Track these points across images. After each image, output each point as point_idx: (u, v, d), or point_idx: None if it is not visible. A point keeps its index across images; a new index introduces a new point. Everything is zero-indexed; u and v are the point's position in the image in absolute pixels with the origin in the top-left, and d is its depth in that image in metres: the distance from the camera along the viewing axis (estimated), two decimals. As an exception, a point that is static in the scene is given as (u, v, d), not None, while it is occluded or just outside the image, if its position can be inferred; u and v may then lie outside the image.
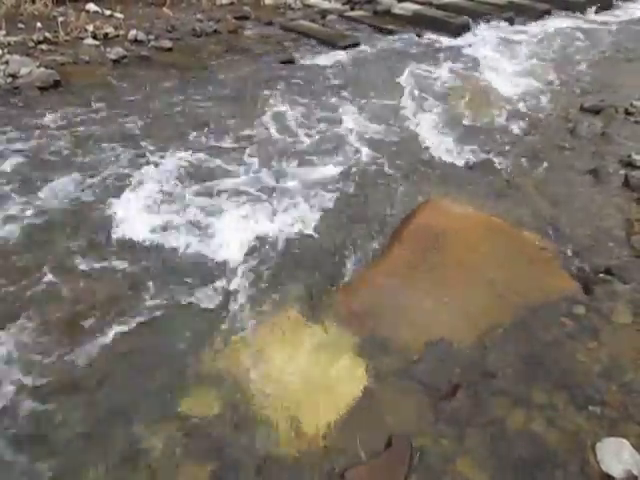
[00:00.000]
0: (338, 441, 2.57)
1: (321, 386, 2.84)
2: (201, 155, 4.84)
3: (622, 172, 4.80)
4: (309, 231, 3.98)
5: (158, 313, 3.22)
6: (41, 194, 4.19)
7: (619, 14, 10.78)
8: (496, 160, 5.07)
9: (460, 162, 5.05)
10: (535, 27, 9.51)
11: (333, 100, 6.17)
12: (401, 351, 3.01)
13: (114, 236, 3.82)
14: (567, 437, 2.59)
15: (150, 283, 3.45)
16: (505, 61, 7.69)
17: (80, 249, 3.69)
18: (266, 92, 6.25)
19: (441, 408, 2.72)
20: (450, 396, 2.79)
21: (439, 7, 10.02)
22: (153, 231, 3.87)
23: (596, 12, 10.61)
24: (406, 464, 2.45)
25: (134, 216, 3.99)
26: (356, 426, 2.64)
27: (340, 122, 5.63)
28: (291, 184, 4.50)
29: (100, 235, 3.83)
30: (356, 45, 8.07)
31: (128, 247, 3.74)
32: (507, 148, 5.33)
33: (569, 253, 3.81)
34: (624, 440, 2.52)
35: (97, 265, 3.56)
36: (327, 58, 7.51)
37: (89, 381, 2.81)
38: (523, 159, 5.12)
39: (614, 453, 2.47)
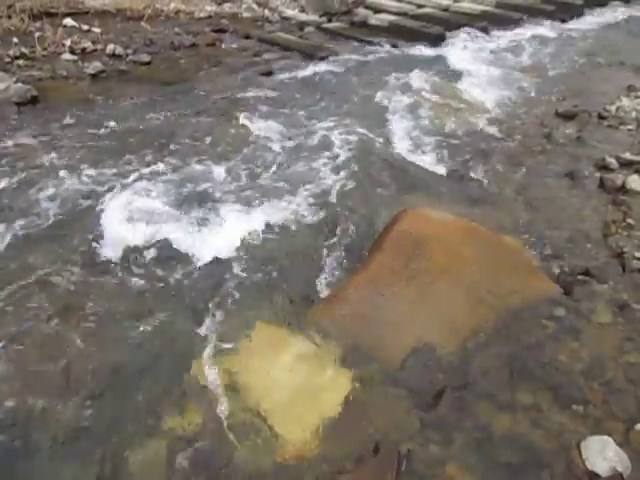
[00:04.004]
0: (325, 450, 2.57)
1: (307, 396, 2.84)
2: (181, 169, 4.82)
3: (597, 175, 4.90)
4: (290, 242, 3.98)
5: (140, 329, 3.19)
6: (18, 211, 4.13)
7: (588, 22, 11.05)
8: (474, 167, 5.15)
9: (439, 170, 5.11)
10: (509, 35, 9.70)
11: (311, 111, 6.21)
12: (385, 358, 3.02)
13: (93, 252, 3.78)
14: (552, 437, 2.62)
15: (131, 298, 3.43)
16: (480, 69, 7.82)
17: (60, 265, 3.64)
18: (245, 104, 6.27)
19: (427, 413, 2.74)
20: (435, 401, 2.80)
21: (415, 17, 10.17)
22: (131, 247, 3.82)
23: (567, 20, 10.86)
24: (394, 470, 2.45)
25: (113, 232, 3.94)
26: (343, 434, 2.64)
27: (319, 133, 5.65)
28: (271, 195, 4.49)
29: (80, 251, 3.79)
30: (334, 56, 8.14)
31: (108, 262, 3.71)
32: (485, 154, 5.41)
33: (548, 256, 3.88)
34: (608, 438, 2.55)
35: (76, 280, 3.52)
36: (305, 70, 7.57)
37: (73, 398, 2.77)
38: (501, 165, 5.21)
39: (599, 451, 2.50)
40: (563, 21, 10.81)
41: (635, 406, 2.74)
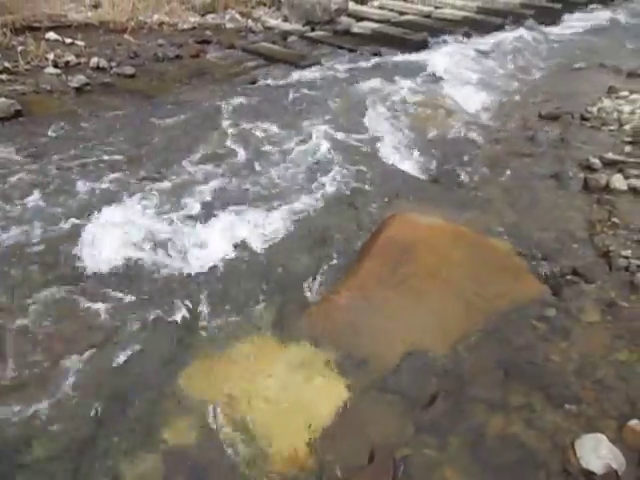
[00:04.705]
0: (320, 459, 2.55)
1: (300, 406, 2.83)
2: (167, 181, 4.81)
3: (581, 175, 4.96)
4: (278, 251, 3.98)
5: (131, 342, 3.17)
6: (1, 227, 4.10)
7: (568, 25, 11.22)
8: (460, 171, 5.18)
9: (425, 175, 5.14)
10: (490, 40, 9.80)
11: (296, 120, 6.22)
12: (377, 364, 3.02)
13: (81, 267, 3.74)
14: (546, 437, 2.63)
15: (121, 311, 3.40)
16: (463, 74, 7.90)
17: (49, 281, 3.61)
18: (230, 114, 6.27)
19: (421, 418, 2.74)
20: (429, 405, 2.80)
21: (397, 25, 10.26)
22: (119, 261, 3.80)
23: (547, 24, 11.02)
24: (390, 477, 2.45)
25: (99, 247, 3.91)
26: (337, 443, 2.63)
27: (304, 141, 5.67)
28: (257, 205, 4.49)
29: (65, 266, 3.75)
30: (317, 65, 8.18)
31: (96, 277, 3.67)
32: (470, 158, 5.45)
33: (536, 257, 3.90)
34: (601, 435, 2.57)
35: (62, 297, 3.49)
36: (289, 78, 7.59)
37: (65, 412, 2.74)
38: (486, 168, 5.25)
39: (593, 449, 2.51)
40: (543, 25, 10.95)
41: (627, 403, 2.77)
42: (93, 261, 3.79)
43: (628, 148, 5.43)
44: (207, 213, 4.38)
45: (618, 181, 4.72)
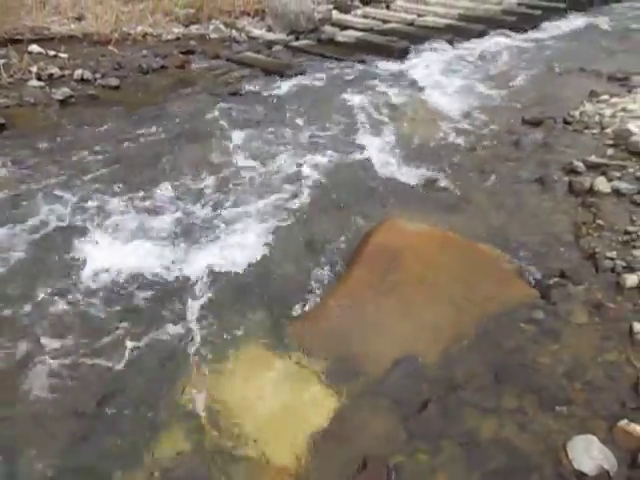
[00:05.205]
0: (313, 469, 2.55)
1: (292, 415, 2.82)
2: (154, 194, 4.78)
3: (566, 179, 5.02)
4: (266, 261, 3.97)
5: (121, 355, 3.15)
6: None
7: (549, 31, 11.35)
8: (446, 177, 5.22)
9: (411, 181, 5.16)
10: (472, 47, 9.89)
11: (282, 129, 6.23)
12: (369, 372, 3.03)
13: (69, 281, 3.72)
14: (538, 439, 2.65)
15: (111, 324, 3.38)
16: (447, 81, 7.96)
17: (35, 296, 3.57)
18: (215, 124, 6.26)
19: (413, 424, 2.74)
20: (421, 411, 2.80)
21: (380, 33, 10.34)
22: (108, 275, 3.77)
23: (527, 30, 11.16)
24: (384, 484, 2.45)
25: (87, 261, 3.89)
26: (330, 451, 2.63)
27: (290, 150, 5.67)
28: (245, 215, 4.48)
29: (56, 281, 3.72)
30: (302, 74, 8.20)
31: (86, 290, 3.65)
32: (455, 164, 5.49)
33: (524, 261, 3.94)
34: (592, 436, 2.59)
35: (53, 311, 3.46)
36: (275, 88, 7.59)
37: (56, 425, 2.71)
38: (472, 173, 5.29)
39: (584, 450, 2.53)
40: (524, 31, 11.09)
41: (616, 403, 2.79)
42: (81, 275, 3.76)
43: (610, 151, 5.50)
44: (194, 225, 4.37)
45: (602, 184, 4.78)
